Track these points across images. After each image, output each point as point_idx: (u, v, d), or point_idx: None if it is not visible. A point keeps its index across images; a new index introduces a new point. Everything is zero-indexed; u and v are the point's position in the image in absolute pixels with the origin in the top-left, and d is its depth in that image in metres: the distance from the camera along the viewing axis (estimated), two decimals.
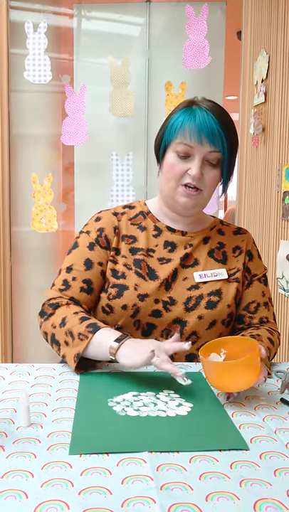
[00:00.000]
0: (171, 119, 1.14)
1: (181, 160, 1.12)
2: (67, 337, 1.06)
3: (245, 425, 0.82)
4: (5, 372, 1.06)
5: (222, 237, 1.24)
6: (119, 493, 0.62)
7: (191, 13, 2.31)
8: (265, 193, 2.19)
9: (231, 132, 1.13)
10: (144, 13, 2.46)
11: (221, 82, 2.46)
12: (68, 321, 1.07)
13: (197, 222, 1.24)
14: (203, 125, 1.09)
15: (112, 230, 1.19)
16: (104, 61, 2.41)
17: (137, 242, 1.18)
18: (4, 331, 2.34)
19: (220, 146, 1.10)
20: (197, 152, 1.10)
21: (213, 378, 0.91)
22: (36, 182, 2.44)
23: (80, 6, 2.52)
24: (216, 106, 1.14)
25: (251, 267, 1.22)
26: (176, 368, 0.93)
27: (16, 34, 2.41)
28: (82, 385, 0.99)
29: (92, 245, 1.18)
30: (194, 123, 1.09)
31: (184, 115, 1.11)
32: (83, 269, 1.16)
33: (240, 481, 0.66)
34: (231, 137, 1.13)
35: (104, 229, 1.19)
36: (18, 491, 0.63)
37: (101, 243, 1.18)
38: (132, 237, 1.19)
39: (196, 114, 1.10)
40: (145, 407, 0.88)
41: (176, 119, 1.13)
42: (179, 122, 1.11)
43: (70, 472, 0.67)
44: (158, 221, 1.22)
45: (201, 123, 1.09)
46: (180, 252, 1.18)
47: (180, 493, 0.63)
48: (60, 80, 2.43)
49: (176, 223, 1.21)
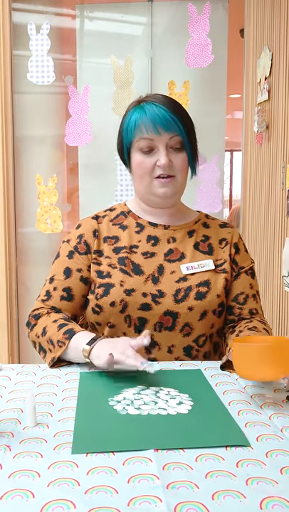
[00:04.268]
0: (125, 122, 1.20)
1: (147, 155, 1.16)
2: (49, 345, 1.11)
3: (251, 423, 0.82)
4: (11, 373, 1.07)
5: (207, 230, 1.26)
6: (126, 492, 0.62)
7: (193, 12, 2.30)
8: (269, 191, 2.18)
9: (184, 115, 1.17)
10: (147, 12, 2.46)
11: (224, 81, 2.46)
12: (48, 329, 1.13)
13: (179, 215, 1.26)
14: (155, 116, 1.13)
15: (91, 234, 1.23)
16: (107, 61, 2.41)
17: (119, 242, 1.21)
18: (11, 332, 2.35)
19: (177, 130, 1.15)
20: (159, 143, 1.15)
21: (253, 363, 0.89)
22: (41, 183, 2.45)
23: (82, 6, 2.52)
24: (162, 96, 1.19)
25: (238, 260, 1.24)
26: (138, 362, 0.96)
27: (18, 36, 2.41)
28: (82, 384, 0.99)
29: (71, 253, 1.22)
30: (146, 117, 1.14)
31: (135, 113, 1.17)
32: (63, 278, 1.21)
33: (246, 480, 0.65)
34: (185, 120, 1.17)
35: (84, 234, 1.23)
36: (25, 490, 0.63)
37: (80, 250, 1.22)
38: (114, 237, 1.22)
39: (145, 109, 1.15)
40: (146, 406, 0.88)
41: (129, 120, 1.18)
42: (132, 122, 1.17)
43: (76, 471, 0.67)
44: (139, 218, 1.25)
45: (152, 115, 1.14)
46: (163, 246, 1.21)
47: (186, 492, 0.63)
48: (64, 81, 2.44)
49: (158, 218, 1.24)
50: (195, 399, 0.91)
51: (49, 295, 1.21)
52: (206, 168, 2.42)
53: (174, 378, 1.02)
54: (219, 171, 2.44)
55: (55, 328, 1.12)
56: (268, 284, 2.20)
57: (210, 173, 2.43)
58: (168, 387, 0.96)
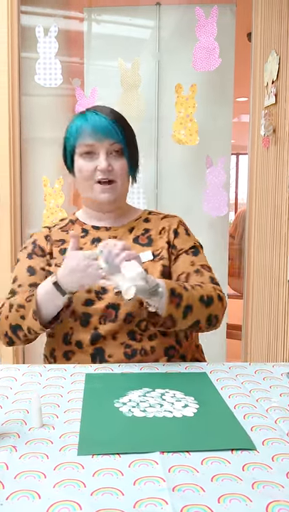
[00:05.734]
0: (68, 129, 1.26)
1: (88, 160, 1.23)
2: (20, 311, 1.15)
3: (257, 427, 0.82)
4: (17, 373, 1.07)
5: (147, 224, 1.31)
6: (132, 494, 0.62)
7: (201, 16, 2.31)
8: (276, 194, 2.18)
9: (124, 124, 1.24)
10: (154, 15, 2.46)
11: (231, 84, 2.46)
12: (14, 302, 1.17)
13: (122, 216, 1.32)
14: (96, 123, 1.21)
15: (43, 239, 1.30)
16: (114, 64, 2.42)
17: (65, 244, 1.27)
18: None
19: (116, 137, 1.21)
20: (99, 148, 1.22)
21: None
22: (47, 185, 2.45)
23: (90, 9, 2.53)
24: (105, 107, 1.27)
25: (177, 244, 1.27)
26: None
27: (27, 38, 2.42)
28: (87, 386, 0.99)
29: (30, 255, 1.28)
30: (88, 123, 1.21)
31: (77, 121, 1.24)
32: (27, 276, 1.25)
33: (252, 483, 0.65)
34: (125, 128, 1.24)
35: (37, 240, 1.30)
36: (31, 491, 0.63)
37: (36, 252, 1.28)
38: (61, 240, 1.29)
39: (87, 117, 1.23)
40: (151, 408, 0.88)
41: (71, 127, 1.25)
42: (74, 128, 1.24)
43: (82, 473, 0.68)
44: (84, 224, 1.32)
45: (93, 122, 1.21)
46: None
47: (192, 495, 0.63)
48: (71, 84, 2.45)
49: (102, 221, 1.31)
50: (201, 402, 0.91)
51: (14, 292, 1.23)
52: (212, 172, 2.42)
53: (180, 381, 1.02)
54: (225, 174, 2.44)
55: (20, 295, 1.18)
56: (272, 287, 2.20)
57: (216, 177, 2.43)
58: (173, 390, 0.96)
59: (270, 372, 1.10)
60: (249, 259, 2.33)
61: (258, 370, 1.10)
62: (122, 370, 1.09)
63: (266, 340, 2.20)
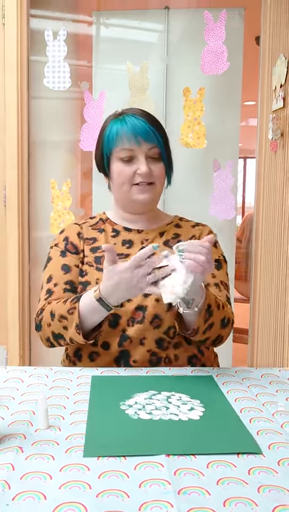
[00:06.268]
0: (106, 132, 1.25)
1: (127, 164, 1.22)
2: (62, 322, 1.12)
3: (263, 431, 0.82)
4: (23, 375, 1.07)
5: (179, 229, 1.32)
6: (137, 497, 0.62)
7: (209, 19, 2.31)
8: (283, 198, 2.17)
9: (161, 129, 1.25)
10: (163, 19, 2.47)
11: (240, 88, 2.46)
12: (56, 311, 1.15)
13: (154, 220, 1.32)
14: (136, 127, 1.20)
15: (76, 236, 1.29)
16: (122, 68, 2.43)
17: (97, 242, 1.28)
18: (22, 335, 2.35)
19: (156, 141, 1.22)
20: (138, 152, 1.21)
21: None
22: (55, 187, 2.46)
23: (99, 13, 2.54)
24: (140, 110, 1.27)
25: None
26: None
27: (36, 42, 2.44)
28: (93, 388, 0.99)
29: (63, 253, 1.27)
30: (127, 128, 1.20)
31: (116, 124, 1.23)
32: (62, 274, 1.23)
33: (258, 487, 0.65)
34: (162, 132, 1.25)
35: (69, 237, 1.29)
36: (37, 492, 0.63)
37: (70, 250, 1.27)
38: (92, 238, 1.29)
39: (126, 121, 1.21)
40: (157, 411, 0.88)
41: (110, 130, 1.24)
42: (113, 132, 1.22)
43: (88, 475, 0.68)
44: (115, 224, 1.32)
45: (133, 126, 1.20)
46: (137, 248, 1.25)
47: (198, 498, 0.62)
48: (79, 87, 2.46)
49: (133, 223, 1.31)
50: (206, 405, 0.91)
51: (50, 292, 1.22)
52: (219, 175, 2.42)
53: (186, 384, 1.02)
54: (233, 178, 2.44)
55: (61, 305, 1.14)
56: (280, 291, 2.19)
57: (223, 180, 2.42)
58: (179, 393, 0.96)
59: (276, 376, 1.09)
60: (256, 262, 2.32)
61: (265, 375, 1.10)
62: (128, 373, 1.09)
63: (273, 345, 2.19)
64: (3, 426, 0.82)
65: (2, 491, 0.63)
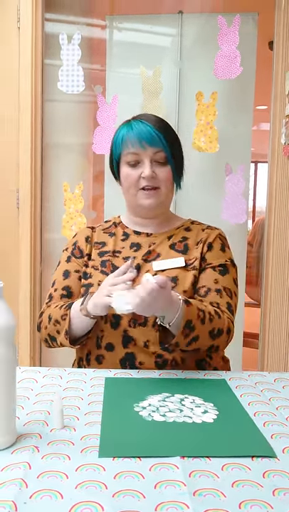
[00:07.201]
0: (114, 137, 1.30)
1: (133, 168, 1.25)
2: (56, 326, 1.20)
3: (277, 435, 0.82)
4: (38, 376, 1.08)
5: (188, 232, 1.33)
6: (153, 497, 0.63)
7: (223, 24, 2.32)
8: None
9: (169, 133, 1.27)
10: (176, 24, 2.48)
11: (252, 92, 2.46)
12: (52, 314, 1.22)
13: (164, 223, 1.34)
14: (141, 132, 1.23)
15: (84, 240, 1.34)
16: (136, 71, 2.44)
17: (105, 246, 1.31)
18: (33, 335, 2.37)
19: (161, 145, 1.24)
20: (144, 156, 1.24)
21: None
22: (67, 190, 2.48)
23: (112, 17, 2.55)
24: (151, 115, 1.30)
25: (208, 257, 1.27)
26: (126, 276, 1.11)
27: (50, 45, 2.46)
28: (107, 390, 1.00)
29: (68, 258, 1.34)
30: (132, 132, 1.24)
31: (123, 130, 1.27)
32: (62, 279, 1.30)
33: (273, 490, 0.65)
34: (169, 135, 1.26)
35: (78, 241, 1.35)
36: (54, 491, 0.64)
37: (76, 254, 1.33)
38: (101, 242, 1.33)
39: (132, 126, 1.25)
40: (171, 413, 0.88)
41: (117, 136, 1.28)
42: (120, 137, 1.27)
43: (104, 475, 0.68)
44: (127, 228, 1.35)
45: (138, 131, 1.23)
46: (144, 251, 1.27)
47: (213, 500, 0.63)
48: (93, 90, 2.47)
49: (144, 227, 1.33)
50: (220, 408, 0.91)
51: (51, 297, 1.30)
52: (231, 179, 2.42)
53: (199, 387, 1.03)
54: (244, 182, 2.44)
55: (58, 310, 1.22)
56: None
57: (235, 184, 2.43)
58: (193, 396, 0.97)
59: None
60: (267, 267, 2.32)
61: (278, 379, 1.10)
62: (141, 375, 1.10)
63: (283, 350, 2.19)
64: (19, 425, 0.83)
65: (20, 489, 0.64)
